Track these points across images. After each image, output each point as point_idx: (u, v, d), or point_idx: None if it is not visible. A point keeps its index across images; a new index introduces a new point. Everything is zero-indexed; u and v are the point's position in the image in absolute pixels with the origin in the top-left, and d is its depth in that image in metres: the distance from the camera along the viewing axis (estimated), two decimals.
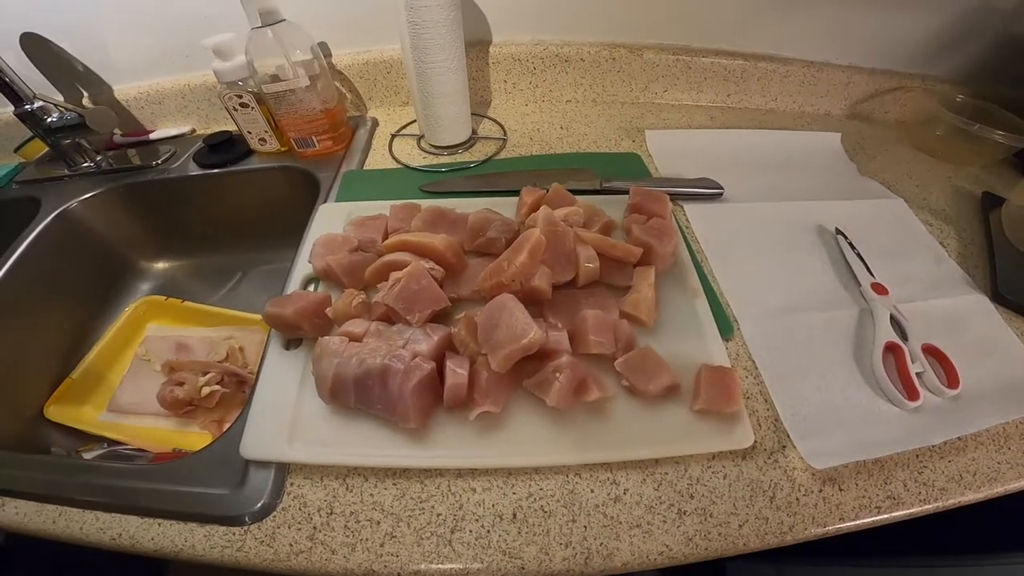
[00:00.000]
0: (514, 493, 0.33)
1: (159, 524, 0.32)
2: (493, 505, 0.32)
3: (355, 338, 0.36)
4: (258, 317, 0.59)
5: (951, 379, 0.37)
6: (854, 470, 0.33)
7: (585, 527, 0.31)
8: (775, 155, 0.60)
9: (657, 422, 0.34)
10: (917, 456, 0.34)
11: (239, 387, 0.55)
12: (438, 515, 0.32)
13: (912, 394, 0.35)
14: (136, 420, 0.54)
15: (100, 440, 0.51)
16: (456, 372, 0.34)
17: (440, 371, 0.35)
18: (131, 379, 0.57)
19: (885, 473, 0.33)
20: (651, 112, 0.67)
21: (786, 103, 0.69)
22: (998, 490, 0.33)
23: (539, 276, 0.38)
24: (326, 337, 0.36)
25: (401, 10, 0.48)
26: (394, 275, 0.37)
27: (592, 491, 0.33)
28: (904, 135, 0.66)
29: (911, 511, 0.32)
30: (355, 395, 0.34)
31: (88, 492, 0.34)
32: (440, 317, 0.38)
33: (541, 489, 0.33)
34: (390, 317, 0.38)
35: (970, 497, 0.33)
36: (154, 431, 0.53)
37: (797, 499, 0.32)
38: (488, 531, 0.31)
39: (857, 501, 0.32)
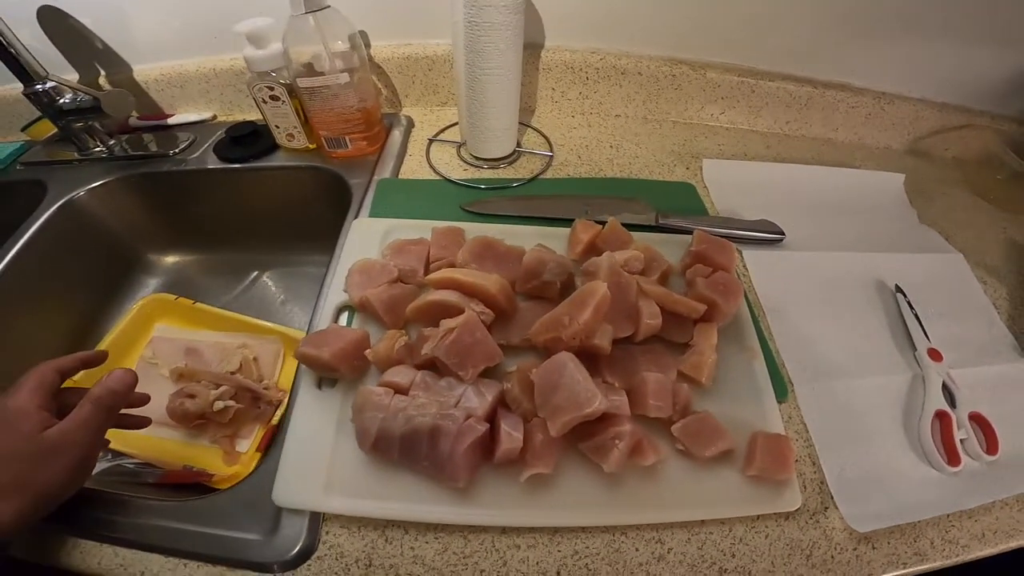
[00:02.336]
0: (559, 550, 0.32)
1: (185, 565, 0.31)
2: (537, 563, 0.32)
3: (400, 390, 0.33)
4: (274, 326, 0.55)
5: (991, 446, 0.37)
6: (888, 529, 0.34)
7: None
8: (836, 195, 0.57)
9: (708, 485, 0.34)
10: (948, 516, 0.35)
11: (253, 402, 0.52)
12: (481, 571, 0.31)
13: (954, 460, 0.36)
14: (143, 430, 0.51)
15: (103, 451, 0.48)
16: (512, 436, 0.31)
17: (491, 429, 0.32)
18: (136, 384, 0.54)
19: (916, 532, 0.34)
20: (704, 135, 0.63)
21: (846, 134, 0.65)
22: (1013, 545, 0.34)
23: (600, 334, 0.35)
24: (368, 388, 0.33)
25: (459, 6, 0.43)
26: (445, 323, 0.33)
27: (637, 550, 0.32)
28: (962, 176, 0.63)
29: (933, 566, 0.33)
30: (400, 451, 0.32)
31: (108, 527, 0.32)
32: (490, 368, 0.35)
33: (587, 547, 0.32)
34: (436, 364, 0.35)
35: (987, 552, 0.34)
36: (161, 443, 0.50)
37: (832, 556, 0.33)
38: None
39: (887, 558, 0.33)
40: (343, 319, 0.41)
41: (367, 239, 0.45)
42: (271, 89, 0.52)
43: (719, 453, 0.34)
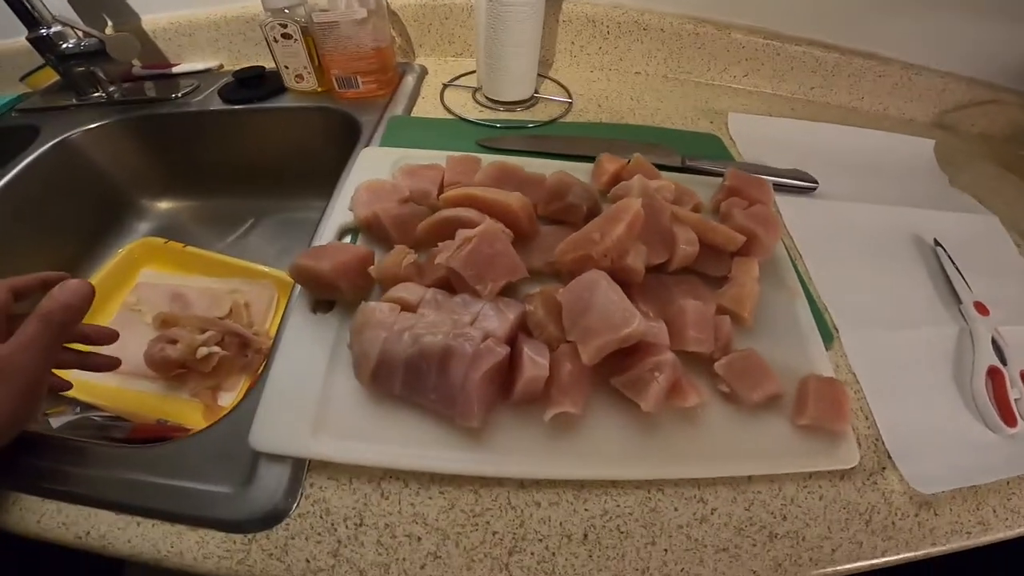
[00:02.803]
0: (586, 509, 0.28)
1: (138, 523, 0.27)
2: (561, 523, 0.28)
3: (407, 307, 0.29)
4: (270, 270, 0.52)
5: None
6: (949, 495, 0.31)
7: (666, 550, 0.27)
8: (866, 155, 0.55)
9: (754, 435, 0.30)
10: (1008, 483, 0.32)
11: (240, 350, 0.48)
12: (494, 533, 0.27)
13: (1011, 420, 0.34)
14: (116, 380, 0.46)
15: (71, 403, 0.43)
16: (536, 362, 0.27)
17: (511, 358, 0.28)
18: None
19: (978, 499, 0.31)
20: (727, 95, 0.61)
21: (872, 103, 0.63)
22: None
23: (633, 254, 0.31)
24: (371, 303, 0.29)
25: None
26: (462, 233, 0.30)
27: (676, 509, 0.29)
28: (988, 150, 0.62)
29: (996, 536, 0.31)
30: (403, 380, 0.28)
31: (52, 478, 0.28)
32: (507, 290, 0.32)
33: (618, 505, 0.28)
34: (450, 284, 0.31)
35: None
36: (136, 395, 0.45)
37: (893, 523, 0.30)
38: (553, 554, 0.27)
39: (950, 526, 0.30)
40: (346, 241, 0.37)
41: (376, 166, 0.42)
42: (284, 27, 0.50)
43: (767, 397, 0.30)
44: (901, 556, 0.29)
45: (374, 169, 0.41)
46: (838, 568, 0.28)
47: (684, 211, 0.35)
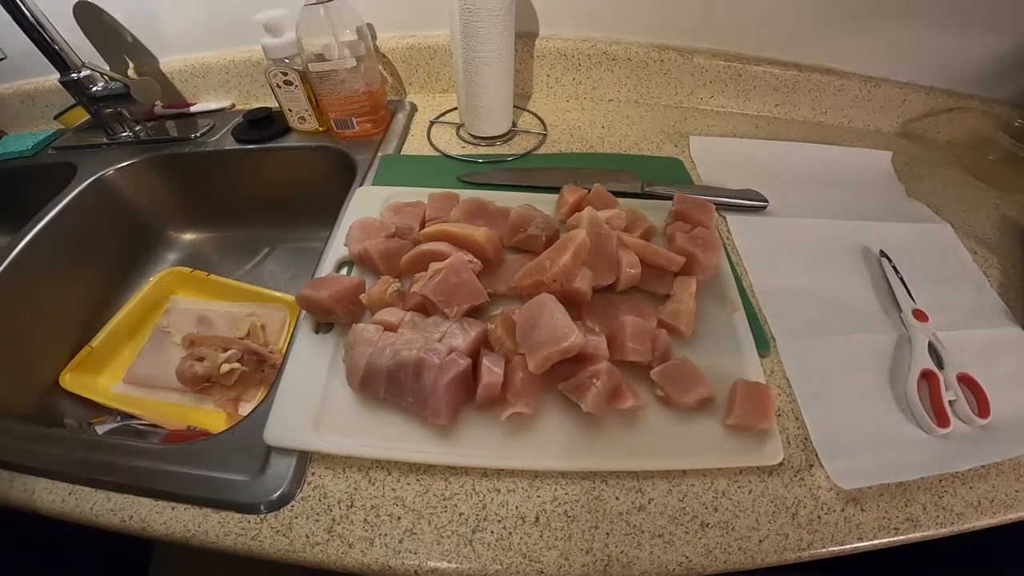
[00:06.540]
0: (539, 496, 0.32)
1: (172, 508, 0.32)
2: (517, 507, 0.32)
3: (390, 327, 0.35)
4: (282, 295, 0.58)
5: (982, 408, 0.36)
6: (877, 491, 0.33)
7: (607, 534, 0.31)
8: (823, 170, 0.58)
9: (688, 434, 0.34)
10: (940, 481, 0.34)
11: (258, 366, 0.55)
12: (460, 514, 0.31)
13: (943, 421, 0.35)
14: (151, 394, 0.53)
15: (113, 413, 0.51)
16: (492, 371, 0.33)
17: (474, 368, 0.34)
18: (150, 351, 0.57)
19: (907, 496, 0.33)
20: (694, 117, 0.65)
21: (836, 117, 0.66)
22: (1012, 517, 0.33)
23: (580, 278, 0.36)
24: (360, 324, 0.35)
25: None
26: (434, 266, 0.36)
27: (617, 498, 0.32)
28: (954, 157, 0.64)
29: (927, 534, 0.32)
30: (386, 387, 0.33)
31: (104, 471, 0.33)
32: (476, 312, 0.37)
33: (567, 493, 0.32)
34: (425, 308, 0.37)
35: (984, 522, 0.32)
36: (169, 406, 0.52)
37: (819, 517, 0.32)
38: (510, 533, 0.31)
39: (877, 522, 0.32)
40: (343, 273, 0.43)
41: (369, 204, 0.48)
42: (285, 75, 0.56)
43: (698, 400, 0.34)
44: (827, 550, 0.30)
45: (366, 207, 0.47)
46: (768, 558, 0.30)
47: (630, 237, 0.40)
